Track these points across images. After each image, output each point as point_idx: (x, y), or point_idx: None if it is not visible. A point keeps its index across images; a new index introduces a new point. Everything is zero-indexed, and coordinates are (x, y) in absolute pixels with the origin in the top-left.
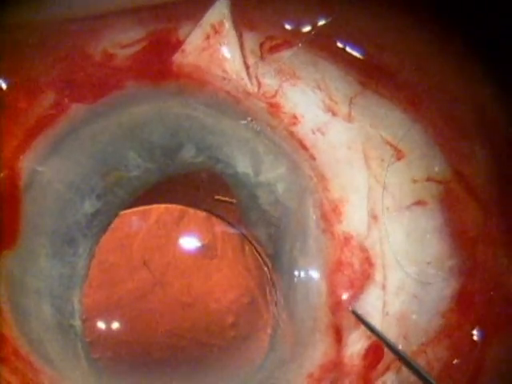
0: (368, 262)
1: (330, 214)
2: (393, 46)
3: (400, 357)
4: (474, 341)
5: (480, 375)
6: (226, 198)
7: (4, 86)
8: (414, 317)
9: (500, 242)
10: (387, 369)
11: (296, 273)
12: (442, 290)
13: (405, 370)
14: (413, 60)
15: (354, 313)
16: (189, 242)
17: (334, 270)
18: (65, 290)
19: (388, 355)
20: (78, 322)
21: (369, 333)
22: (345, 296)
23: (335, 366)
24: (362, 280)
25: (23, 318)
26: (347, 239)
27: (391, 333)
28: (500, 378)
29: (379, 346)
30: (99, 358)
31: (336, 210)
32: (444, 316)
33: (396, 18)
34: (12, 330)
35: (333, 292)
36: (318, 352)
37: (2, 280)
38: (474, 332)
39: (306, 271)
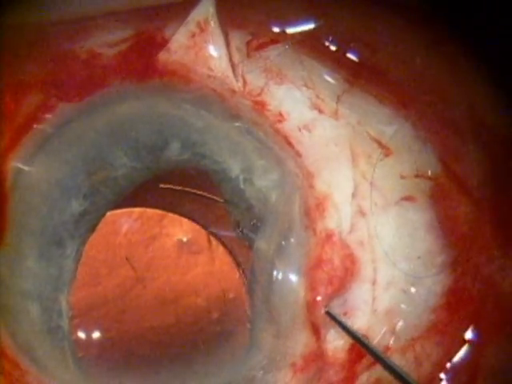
0: (350, 258)
1: (313, 211)
2: (382, 46)
3: (377, 357)
4: (466, 339)
5: (474, 374)
6: (212, 196)
7: None
8: (403, 312)
9: (493, 239)
10: (374, 363)
11: (276, 269)
12: (432, 285)
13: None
14: (403, 59)
15: (329, 313)
16: (171, 239)
17: (313, 266)
18: (52, 291)
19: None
20: (65, 322)
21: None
22: (323, 293)
23: (317, 356)
24: (342, 277)
25: (10, 318)
26: (329, 236)
27: (380, 327)
28: (494, 378)
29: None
30: (85, 357)
31: (320, 206)
32: (434, 312)
33: (386, 17)
34: None
35: (312, 289)
36: (299, 344)
37: None
38: (466, 329)
39: (286, 267)
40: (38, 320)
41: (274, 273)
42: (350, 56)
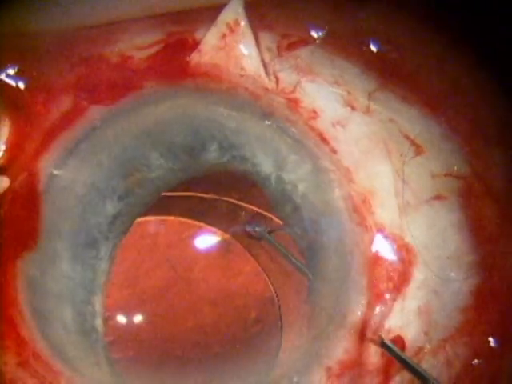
0: (405, 248)
1: (360, 207)
2: (411, 48)
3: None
4: (491, 341)
5: (495, 378)
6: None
7: (23, 88)
8: (433, 312)
9: None
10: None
11: (332, 266)
12: (461, 286)
13: (424, 365)
14: (431, 62)
15: (384, 344)
16: (210, 239)
17: (372, 263)
18: (86, 293)
19: (408, 351)
20: (99, 324)
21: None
22: (385, 290)
23: (356, 364)
24: (401, 271)
25: (44, 321)
26: (380, 230)
27: (412, 328)
28: None
29: (397, 340)
30: (121, 358)
31: (366, 202)
32: (463, 312)
33: (413, 21)
34: (32, 332)
35: (373, 286)
36: (340, 348)
37: (22, 283)
38: (493, 331)
39: (343, 264)
40: (71, 322)
41: (330, 273)
42: (379, 56)
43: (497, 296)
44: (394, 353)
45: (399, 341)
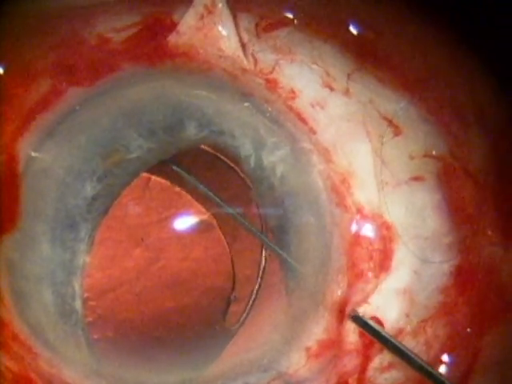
0: (385, 226)
1: (340, 187)
2: (388, 31)
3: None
4: (472, 321)
5: (473, 359)
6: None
7: (0, 71)
8: (413, 293)
9: (495, 226)
10: None
11: (311, 246)
12: (440, 266)
13: None
14: (408, 46)
15: (357, 318)
16: (186, 220)
17: (352, 243)
18: (65, 275)
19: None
20: (79, 305)
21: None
22: (366, 269)
23: (334, 343)
24: (382, 250)
25: (23, 302)
26: (359, 210)
27: (392, 309)
28: (497, 365)
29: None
30: (100, 339)
31: (345, 182)
32: (443, 292)
33: (390, 3)
34: (11, 314)
35: (354, 265)
36: (319, 328)
37: (1, 265)
38: (472, 312)
39: (322, 245)
40: (51, 304)
41: (309, 252)
42: (357, 38)
43: (476, 276)
44: (372, 329)
45: (377, 322)
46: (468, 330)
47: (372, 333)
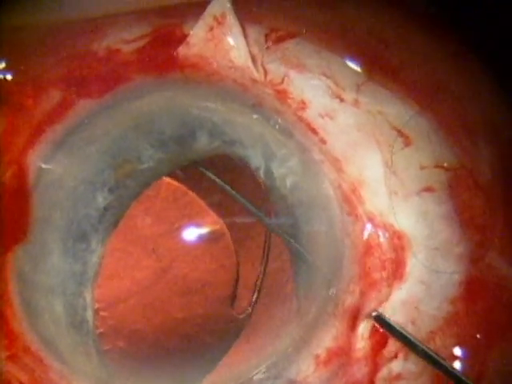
0: (397, 235)
1: (351, 196)
2: (396, 44)
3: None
4: (481, 332)
5: (481, 371)
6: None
7: (11, 82)
8: (422, 303)
9: (504, 237)
10: (395, 356)
11: (322, 255)
12: (450, 276)
13: (412, 358)
14: (417, 59)
15: (379, 318)
16: (197, 230)
17: (364, 252)
18: (77, 286)
19: (394, 342)
20: (90, 316)
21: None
22: (379, 279)
23: (343, 351)
24: (394, 259)
25: (34, 314)
26: (371, 219)
27: (398, 317)
28: (505, 376)
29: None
30: (111, 350)
31: (356, 191)
32: (452, 303)
33: (398, 18)
34: (22, 326)
35: (366, 275)
36: (329, 336)
37: (13, 276)
38: (482, 323)
39: (334, 254)
40: (62, 315)
41: (320, 261)
42: (365, 50)
43: (485, 287)
44: (394, 329)
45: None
46: (476, 340)
47: (394, 333)
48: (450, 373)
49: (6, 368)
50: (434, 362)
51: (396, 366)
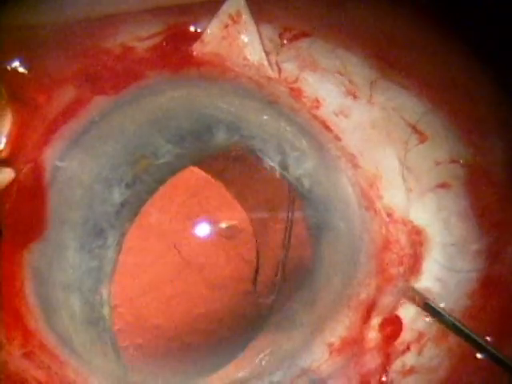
0: (415, 230)
1: (368, 192)
2: (405, 42)
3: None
4: (494, 329)
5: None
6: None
7: (25, 80)
8: (438, 299)
9: None
10: (408, 348)
11: (341, 251)
12: (467, 273)
13: (427, 352)
14: (428, 57)
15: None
16: (219, 225)
17: (382, 248)
18: (94, 283)
19: (407, 334)
20: (107, 312)
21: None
22: (396, 274)
23: (356, 341)
24: (412, 254)
25: (50, 311)
26: (390, 214)
27: (410, 310)
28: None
29: (393, 320)
30: (128, 346)
31: (373, 186)
32: (467, 299)
33: (409, 17)
34: (38, 323)
35: (384, 270)
36: (343, 327)
37: (29, 274)
38: (498, 320)
39: (352, 249)
40: (78, 312)
41: (340, 255)
42: (377, 48)
43: (503, 283)
44: (443, 316)
45: (396, 321)
46: (488, 338)
47: (443, 320)
48: (495, 357)
49: (22, 365)
50: (480, 347)
51: (409, 359)
